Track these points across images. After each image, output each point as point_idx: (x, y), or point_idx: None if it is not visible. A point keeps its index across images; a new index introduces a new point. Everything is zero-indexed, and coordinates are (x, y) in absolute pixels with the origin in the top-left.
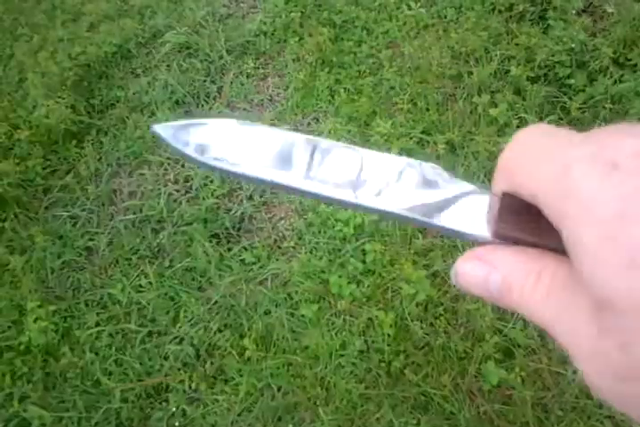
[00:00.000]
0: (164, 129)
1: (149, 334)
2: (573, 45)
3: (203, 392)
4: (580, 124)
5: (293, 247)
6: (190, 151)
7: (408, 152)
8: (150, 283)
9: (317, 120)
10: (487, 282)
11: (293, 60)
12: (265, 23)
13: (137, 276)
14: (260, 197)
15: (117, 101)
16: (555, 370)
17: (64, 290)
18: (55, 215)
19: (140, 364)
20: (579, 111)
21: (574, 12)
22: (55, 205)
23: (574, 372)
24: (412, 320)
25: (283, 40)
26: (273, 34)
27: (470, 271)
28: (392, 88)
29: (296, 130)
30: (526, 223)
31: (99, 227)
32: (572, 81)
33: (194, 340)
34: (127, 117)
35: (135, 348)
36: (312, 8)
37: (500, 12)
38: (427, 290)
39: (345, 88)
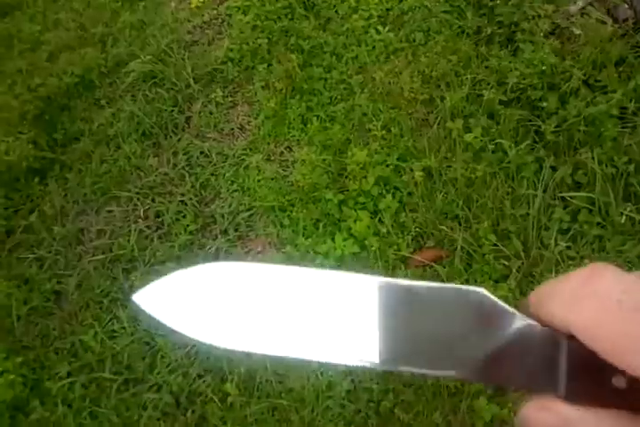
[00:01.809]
0: (146, 298)
1: (125, 382)
2: (544, 68)
3: None
4: (555, 148)
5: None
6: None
7: (385, 180)
8: (124, 328)
9: (290, 149)
10: None
11: (262, 87)
12: (232, 50)
13: (109, 320)
14: (235, 230)
15: (81, 135)
16: None
17: (32, 338)
18: (19, 258)
19: (117, 415)
20: (553, 135)
21: (542, 34)
22: (19, 246)
23: None
24: None
25: (251, 67)
26: (240, 61)
27: (541, 420)
28: (365, 114)
29: (269, 159)
30: (594, 377)
31: (66, 269)
32: (544, 104)
33: (172, 387)
34: (92, 151)
35: (111, 398)
36: (279, 34)
37: (468, 35)
38: None
39: (317, 115)
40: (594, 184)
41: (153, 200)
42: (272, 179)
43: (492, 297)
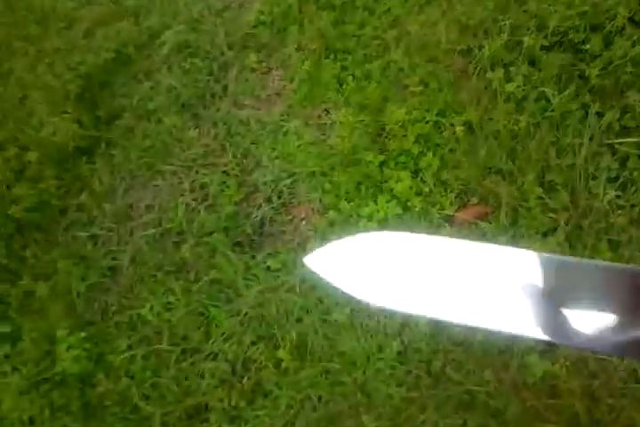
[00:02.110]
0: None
1: (183, 352)
2: (586, 8)
3: (243, 409)
4: (601, 93)
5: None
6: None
7: (425, 138)
8: (178, 299)
9: (327, 112)
10: None
11: (296, 49)
12: (263, 13)
13: (164, 293)
14: (278, 198)
15: (123, 111)
16: (599, 357)
17: (92, 314)
18: (75, 237)
19: (177, 385)
20: (598, 78)
21: None
22: (73, 225)
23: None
24: None
25: (283, 29)
26: (272, 23)
27: None
28: (401, 70)
29: (307, 124)
30: None
31: (119, 245)
32: (587, 46)
33: (228, 355)
34: (135, 127)
35: (170, 369)
36: None
37: None
38: None
39: (352, 75)
40: None
41: (197, 172)
42: (311, 143)
43: None
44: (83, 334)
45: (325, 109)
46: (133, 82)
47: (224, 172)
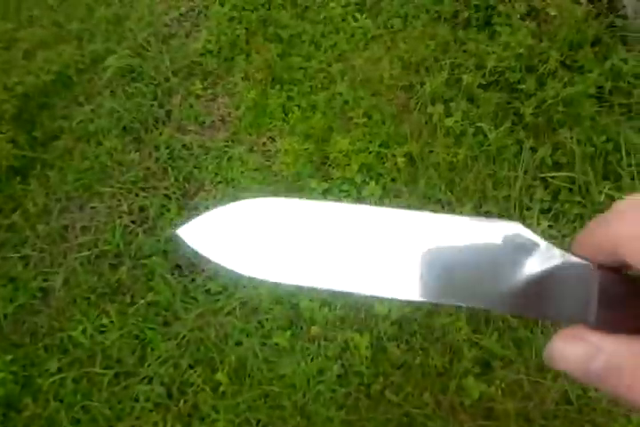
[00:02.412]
0: (188, 233)
1: (116, 375)
2: (521, 50)
3: None
4: (534, 129)
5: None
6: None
7: (368, 167)
8: (112, 322)
9: (272, 139)
10: (588, 363)
11: (242, 78)
12: (210, 42)
13: (97, 316)
14: None
15: (61, 132)
16: (533, 379)
17: (20, 336)
18: (4, 257)
19: (109, 408)
20: (532, 116)
21: (518, 16)
22: (3, 246)
23: (553, 379)
24: (388, 340)
25: (230, 58)
26: (219, 52)
27: (570, 350)
28: (346, 102)
29: (251, 150)
30: (629, 308)
31: (52, 266)
32: (522, 86)
33: (164, 378)
34: (73, 148)
35: (102, 392)
36: (257, 24)
37: (445, 19)
38: (400, 308)
39: (298, 105)
40: (573, 164)
41: (136, 195)
42: (255, 169)
43: (528, 230)
44: (9, 357)
45: (270, 137)
46: (74, 104)
47: (165, 195)
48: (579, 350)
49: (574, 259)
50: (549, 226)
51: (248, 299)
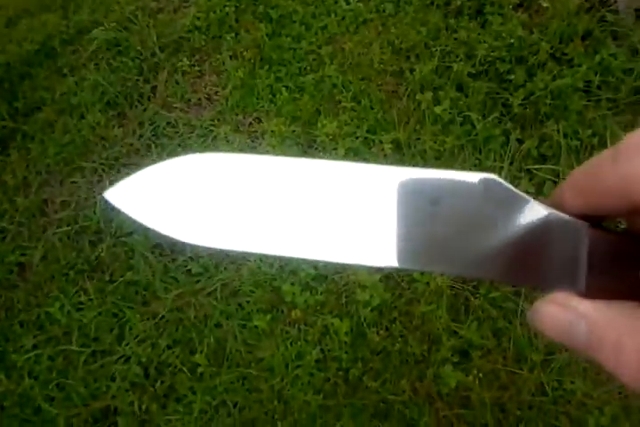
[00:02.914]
0: (118, 195)
1: (93, 354)
2: (512, 41)
3: (154, 413)
4: (521, 121)
5: (242, 256)
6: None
7: (354, 152)
8: (90, 299)
9: (259, 120)
10: (571, 331)
11: (230, 57)
12: (198, 18)
13: (76, 292)
14: None
15: (43, 104)
16: (510, 369)
17: None
18: None
19: (85, 387)
20: (520, 107)
21: (510, 6)
22: None
23: (530, 370)
24: (368, 326)
25: (218, 36)
26: (207, 29)
27: (554, 316)
28: (334, 86)
29: (237, 130)
30: (620, 270)
31: (30, 241)
32: (512, 76)
33: (141, 358)
34: (55, 121)
35: (78, 370)
36: (247, 2)
37: (437, 6)
38: (381, 294)
39: (286, 86)
40: (559, 157)
41: (118, 171)
42: (241, 150)
43: (506, 184)
44: None
45: (257, 118)
46: (57, 76)
47: None
48: (562, 316)
49: (561, 215)
50: None
51: (229, 281)
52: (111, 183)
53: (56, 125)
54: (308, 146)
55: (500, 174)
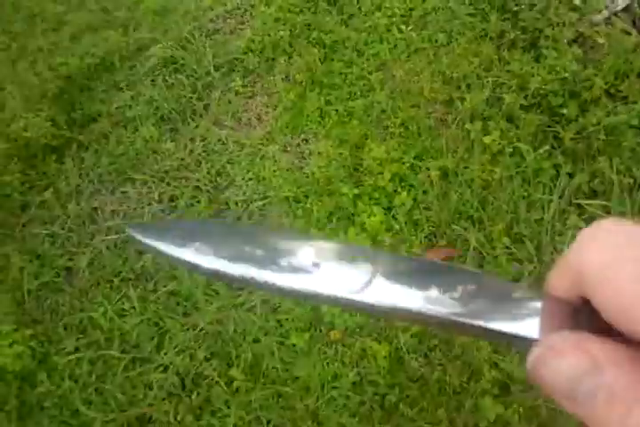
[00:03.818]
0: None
1: (132, 361)
2: (566, 75)
3: (188, 424)
4: (573, 155)
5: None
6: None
7: (400, 178)
8: (133, 307)
9: (307, 141)
10: (580, 382)
11: (282, 79)
12: (253, 41)
13: (119, 299)
14: (249, 218)
15: (99, 115)
16: (551, 407)
17: (41, 313)
18: (33, 233)
19: (123, 393)
20: (572, 142)
21: (565, 41)
22: (33, 222)
23: None
24: (407, 352)
25: (271, 58)
26: (261, 52)
27: (565, 364)
28: (383, 111)
29: (285, 150)
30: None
31: (79, 247)
32: (564, 110)
33: (179, 368)
34: (110, 132)
35: (117, 376)
36: (301, 27)
37: (491, 38)
38: None
39: (335, 110)
40: (610, 193)
41: (168, 184)
42: (287, 170)
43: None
44: (29, 332)
45: (305, 139)
46: (114, 89)
47: (196, 187)
48: (577, 363)
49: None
50: None
51: (269, 297)
52: (160, 196)
53: (110, 137)
54: (354, 169)
55: (548, 208)
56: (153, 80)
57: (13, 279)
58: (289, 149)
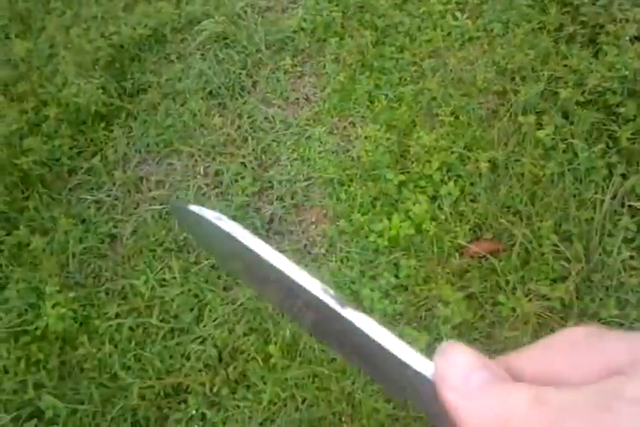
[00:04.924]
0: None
1: (171, 330)
2: (626, 73)
3: (224, 397)
4: (628, 155)
5: (324, 254)
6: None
7: (448, 167)
8: (175, 278)
9: (354, 125)
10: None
11: (332, 60)
12: (305, 20)
13: (161, 269)
14: (292, 198)
15: (149, 86)
16: None
17: (84, 277)
18: (79, 198)
19: (161, 361)
20: (628, 142)
21: (627, 38)
22: (80, 187)
23: None
24: None
25: (322, 39)
26: (313, 32)
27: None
28: (434, 99)
29: (331, 133)
30: None
31: (123, 214)
32: (622, 109)
33: (217, 341)
34: (159, 104)
35: (156, 344)
36: (354, 9)
37: (548, 31)
38: (463, 313)
39: (385, 94)
40: None
41: (214, 159)
42: (333, 152)
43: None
44: (72, 295)
45: (352, 122)
46: (165, 61)
47: (241, 163)
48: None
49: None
50: (630, 257)
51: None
52: (205, 169)
53: (159, 108)
54: (401, 155)
55: (600, 208)
56: (203, 54)
57: (59, 242)
58: (335, 131)
